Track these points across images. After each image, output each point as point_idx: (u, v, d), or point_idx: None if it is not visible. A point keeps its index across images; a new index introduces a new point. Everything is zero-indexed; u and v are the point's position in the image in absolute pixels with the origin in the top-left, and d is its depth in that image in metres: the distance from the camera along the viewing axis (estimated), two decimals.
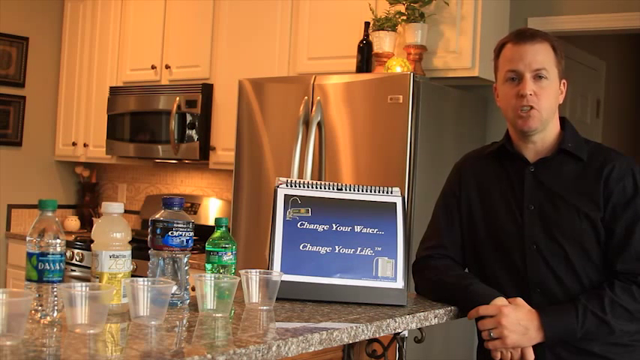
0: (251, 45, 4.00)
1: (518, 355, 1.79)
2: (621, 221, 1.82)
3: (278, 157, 3.39)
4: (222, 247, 1.76)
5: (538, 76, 1.86)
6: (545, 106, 1.87)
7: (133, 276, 1.58)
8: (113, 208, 1.60)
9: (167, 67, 4.41)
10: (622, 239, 1.82)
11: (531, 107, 1.86)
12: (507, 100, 1.91)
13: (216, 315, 1.58)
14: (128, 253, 1.60)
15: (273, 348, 1.36)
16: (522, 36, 1.91)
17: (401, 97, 3.00)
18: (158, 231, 1.65)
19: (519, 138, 1.94)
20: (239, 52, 4.05)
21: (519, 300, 1.82)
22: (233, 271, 1.78)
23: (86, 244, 4.30)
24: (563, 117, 1.99)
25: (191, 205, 4.50)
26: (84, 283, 1.44)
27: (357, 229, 1.87)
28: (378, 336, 1.67)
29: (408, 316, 1.73)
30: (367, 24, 3.45)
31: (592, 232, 1.84)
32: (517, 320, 1.77)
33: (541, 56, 1.87)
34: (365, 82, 3.16)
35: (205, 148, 4.16)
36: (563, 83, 1.94)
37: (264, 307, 1.69)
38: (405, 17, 3.33)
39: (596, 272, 1.85)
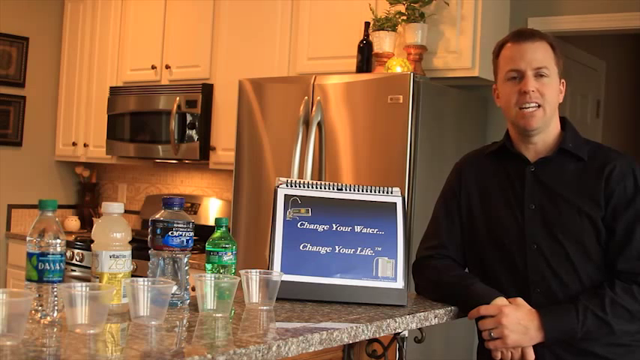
0: (251, 45, 4.00)
1: (519, 354, 1.79)
2: (622, 221, 1.82)
3: (278, 157, 3.38)
4: (223, 247, 1.76)
5: (539, 74, 1.87)
6: (549, 103, 1.87)
7: (133, 276, 1.58)
8: (113, 208, 1.60)
9: (167, 67, 4.41)
10: (623, 239, 1.82)
11: (538, 105, 1.86)
12: (509, 98, 1.90)
13: (217, 315, 1.58)
14: (128, 253, 1.60)
15: (273, 348, 1.36)
16: (521, 35, 1.91)
17: (401, 97, 3.00)
18: (158, 231, 1.65)
19: (520, 138, 1.94)
20: (239, 52, 4.05)
21: (519, 300, 1.82)
22: (233, 271, 1.78)
23: (86, 244, 4.30)
24: (564, 117, 1.99)
25: (191, 205, 4.50)
26: (84, 283, 1.44)
27: (357, 229, 1.87)
28: (378, 336, 1.66)
29: (408, 316, 1.72)
30: (367, 24, 3.45)
31: (593, 232, 1.84)
32: (517, 320, 1.77)
33: (541, 54, 1.87)
34: (365, 82, 3.16)
35: (205, 148, 4.16)
36: (563, 83, 1.94)
37: (264, 307, 1.69)
38: (405, 17, 3.33)
39: (597, 272, 1.85)
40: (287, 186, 1.91)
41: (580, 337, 1.78)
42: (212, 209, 4.47)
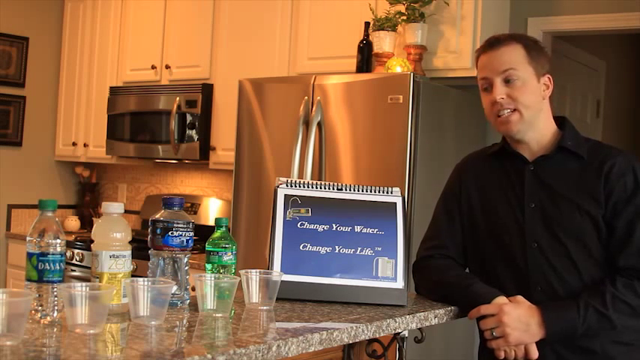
0: (251, 45, 4.00)
1: (522, 352, 1.79)
2: (622, 218, 1.82)
3: (278, 157, 3.38)
4: (222, 247, 1.76)
5: (507, 79, 1.87)
6: (524, 105, 1.86)
7: (133, 276, 1.58)
8: (113, 208, 1.60)
9: (167, 67, 4.41)
10: (623, 235, 1.82)
11: (513, 110, 1.86)
12: (486, 108, 1.94)
13: (217, 315, 1.58)
14: (128, 253, 1.60)
15: (273, 348, 1.36)
16: (489, 43, 1.93)
17: (401, 97, 3.00)
18: (158, 231, 1.65)
19: (512, 141, 1.95)
20: (239, 52, 4.05)
21: (519, 297, 1.82)
22: (233, 271, 1.78)
23: (86, 244, 4.30)
24: (563, 116, 1.99)
25: (191, 205, 4.50)
26: (84, 283, 1.44)
27: (357, 229, 1.87)
28: (378, 336, 1.66)
29: (408, 316, 1.72)
30: (367, 24, 3.45)
31: (593, 229, 1.84)
32: (518, 317, 1.77)
33: (507, 57, 1.87)
34: (365, 82, 3.15)
35: (205, 148, 4.16)
36: (548, 77, 1.92)
37: (264, 307, 1.69)
38: (405, 17, 3.33)
39: (598, 269, 1.85)
40: (287, 186, 1.91)
41: (581, 333, 1.78)
42: (212, 209, 4.47)
